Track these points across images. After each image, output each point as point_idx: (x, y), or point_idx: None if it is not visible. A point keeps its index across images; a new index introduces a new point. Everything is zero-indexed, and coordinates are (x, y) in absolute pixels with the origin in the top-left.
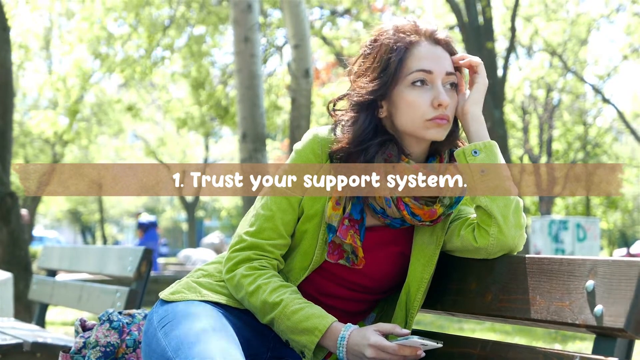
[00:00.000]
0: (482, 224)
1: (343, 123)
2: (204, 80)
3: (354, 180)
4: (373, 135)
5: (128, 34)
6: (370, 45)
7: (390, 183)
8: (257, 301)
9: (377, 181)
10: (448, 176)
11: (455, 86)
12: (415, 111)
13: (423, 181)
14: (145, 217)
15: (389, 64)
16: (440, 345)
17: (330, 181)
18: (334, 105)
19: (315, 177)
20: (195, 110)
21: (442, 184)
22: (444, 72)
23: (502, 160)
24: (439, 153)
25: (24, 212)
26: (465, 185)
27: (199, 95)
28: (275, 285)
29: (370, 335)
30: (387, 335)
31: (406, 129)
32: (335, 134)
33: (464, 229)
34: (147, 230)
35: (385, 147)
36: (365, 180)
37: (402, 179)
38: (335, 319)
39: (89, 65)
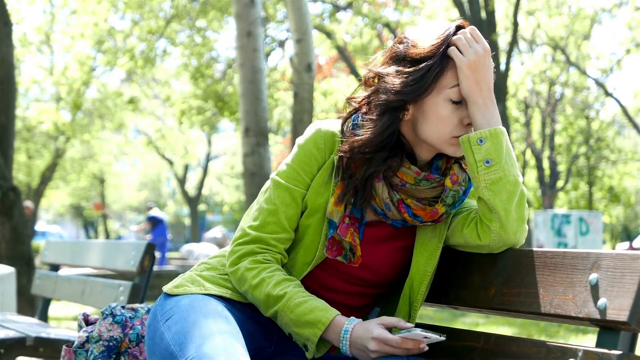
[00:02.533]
0: (484, 218)
1: (361, 120)
2: (204, 71)
3: (355, 178)
4: (384, 145)
5: (130, 28)
6: (407, 43)
7: (392, 186)
8: (260, 294)
9: (377, 181)
10: (452, 175)
11: None
12: (444, 127)
13: (424, 182)
14: (156, 212)
15: (429, 69)
16: (443, 338)
17: (334, 176)
18: (361, 103)
19: (318, 171)
20: (195, 101)
21: (444, 183)
22: None
23: (509, 148)
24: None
25: (28, 203)
26: (468, 182)
27: (198, 86)
28: (279, 278)
29: (374, 328)
30: (390, 329)
31: (428, 139)
32: (344, 129)
33: (466, 227)
34: (157, 224)
35: (390, 158)
36: (366, 178)
37: (403, 183)
38: (339, 313)
39: (91, 57)
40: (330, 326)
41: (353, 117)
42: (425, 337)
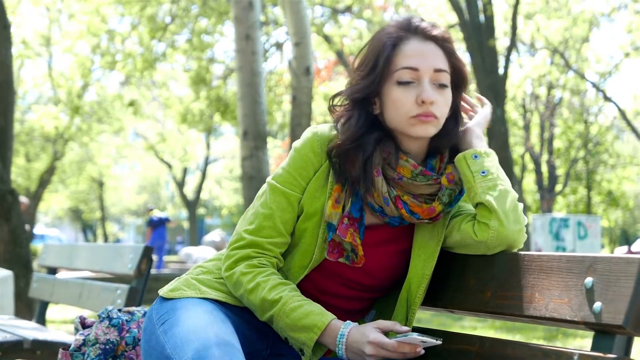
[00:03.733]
0: (482, 218)
1: (342, 121)
2: (204, 75)
3: (352, 177)
4: (368, 131)
5: (129, 31)
6: (368, 42)
7: (389, 180)
8: (256, 299)
9: (376, 174)
10: (448, 174)
11: (445, 86)
12: (399, 109)
13: (420, 177)
14: (157, 214)
15: (378, 61)
16: (439, 342)
17: (330, 179)
18: (333, 102)
19: (314, 175)
20: (195, 106)
21: (440, 181)
22: (431, 69)
23: (500, 168)
24: (440, 151)
25: (23, 199)
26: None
27: (199, 90)
28: (274, 282)
29: (370, 332)
30: (387, 333)
31: (394, 126)
32: (335, 132)
33: (464, 224)
34: (156, 227)
35: (383, 144)
36: (364, 162)
37: (400, 176)
38: (335, 317)
39: (90, 59)
40: (326, 330)
41: (342, 119)
42: (422, 341)
